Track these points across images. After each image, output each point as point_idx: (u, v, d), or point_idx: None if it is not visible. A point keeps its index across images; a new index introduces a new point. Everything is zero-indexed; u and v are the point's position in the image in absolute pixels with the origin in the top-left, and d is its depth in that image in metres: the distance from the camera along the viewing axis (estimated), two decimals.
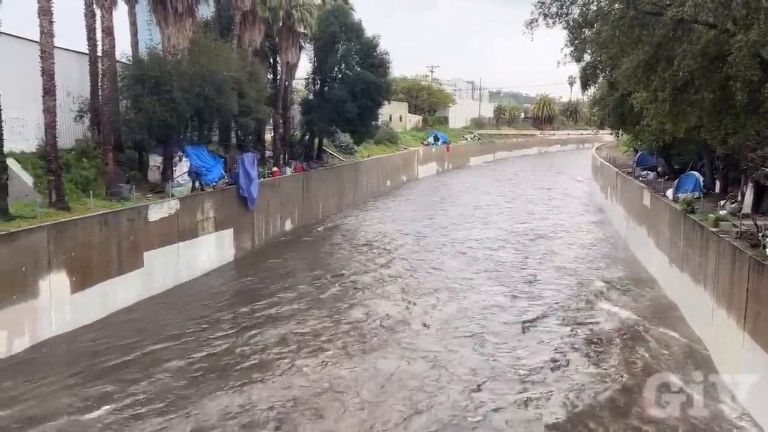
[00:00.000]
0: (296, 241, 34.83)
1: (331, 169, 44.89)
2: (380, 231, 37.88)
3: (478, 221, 41.52)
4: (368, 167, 52.78)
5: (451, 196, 55.10)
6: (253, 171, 30.85)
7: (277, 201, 35.10)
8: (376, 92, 40.66)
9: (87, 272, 20.48)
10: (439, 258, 31.01)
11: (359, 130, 42.61)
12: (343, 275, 27.49)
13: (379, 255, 31.31)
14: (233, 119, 31.05)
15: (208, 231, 27.69)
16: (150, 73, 24.76)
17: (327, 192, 43.24)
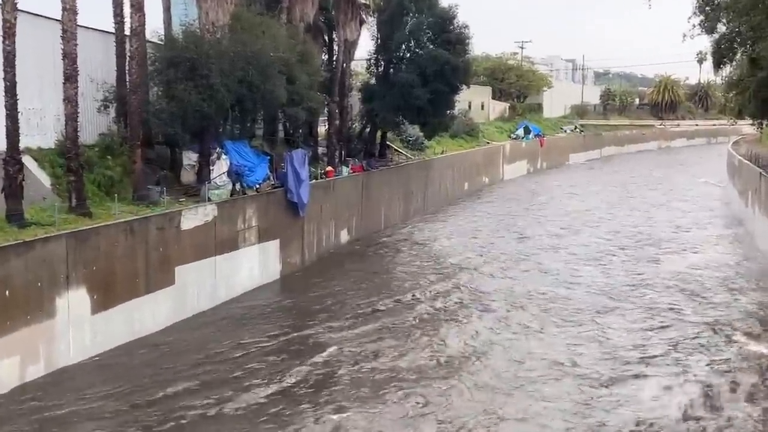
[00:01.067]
0: (354, 257, 35.01)
1: (397, 169, 44.96)
2: (457, 246, 37.57)
3: (581, 235, 40.44)
4: (441, 166, 52.62)
5: (547, 202, 54.12)
6: (303, 171, 31.28)
7: (331, 207, 35.44)
8: (452, 74, 40.44)
9: (110, 289, 21.22)
10: (534, 280, 30.37)
11: (431, 121, 42.51)
12: (416, 301, 27.13)
13: (456, 276, 30.97)
14: (281, 109, 31.60)
15: (250, 242, 28.22)
16: (185, 55, 25.54)
17: (391, 196, 43.31)
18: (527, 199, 55.57)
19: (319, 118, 40.61)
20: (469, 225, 44.07)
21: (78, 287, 20.05)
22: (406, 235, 40.54)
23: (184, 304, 24.40)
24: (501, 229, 42.42)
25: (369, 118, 43.73)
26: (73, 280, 19.85)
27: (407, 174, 46.14)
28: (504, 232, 41.37)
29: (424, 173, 49.09)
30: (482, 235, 40.84)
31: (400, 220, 44.36)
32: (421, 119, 42.39)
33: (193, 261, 24.80)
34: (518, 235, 40.63)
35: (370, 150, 44.72)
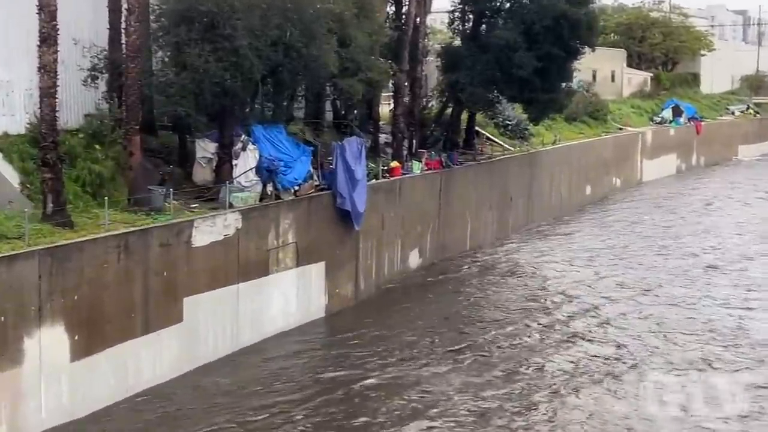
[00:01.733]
0: (427, 290, 34.90)
1: (489, 166, 44.78)
2: (576, 279, 37.08)
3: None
4: (553, 163, 52.15)
5: (713, 220, 52.77)
6: (359, 167, 31.41)
7: (396, 218, 35.48)
8: (570, 33, 39.90)
9: (96, 327, 21.62)
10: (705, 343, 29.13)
11: (539, 99, 41.99)
12: (522, 376, 26.10)
13: (579, 329, 30.28)
14: (330, 82, 31.84)
15: (284, 266, 28.43)
16: (200, 7, 25.95)
17: (480, 204, 43.12)
18: (678, 212, 54.50)
19: (382, 94, 40.79)
20: (592, 247, 43.49)
21: (53, 324, 20.50)
22: (502, 260, 40.26)
23: (195, 349, 24.74)
24: (641, 257, 41.63)
25: (451, 94, 43.65)
26: (47, 315, 20.30)
27: (504, 173, 45.87)
28: (647, 262, 40.36)
29: (527, 172, 48.70)
30: (612, 263, 40.19)
31: (492, 237, 44.07)
32: (526, 95, 41.92)
33: (208, 290, 25.13)
34: (669, 269, 39.42)
35: (451, 138, 44.60)
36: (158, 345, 23.52)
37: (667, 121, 74.92)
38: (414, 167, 37.91)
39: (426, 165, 38.87)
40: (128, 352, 22.59)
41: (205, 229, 25.07)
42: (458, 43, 44.18)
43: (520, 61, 38.97)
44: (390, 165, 36.39)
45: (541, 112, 44.42)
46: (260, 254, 27.32)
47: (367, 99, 36.77)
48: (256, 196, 28.04)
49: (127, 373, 22.58)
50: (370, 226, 32.79)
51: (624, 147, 64.95)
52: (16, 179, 23.88)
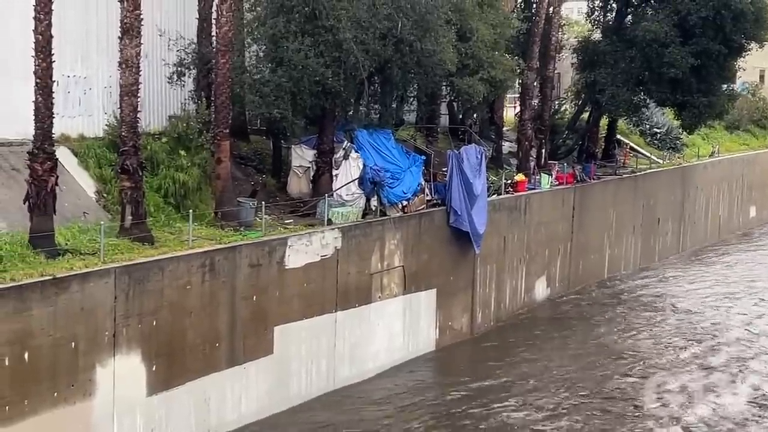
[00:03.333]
0: (556, 325, 34.66)
1: (632, 181, 44.16)
2: (741, 320, 36.13)
3: None
4: (710, 179, 51.10)
5: None
6: (478, 180, 31.34)
7: (520, 241, 35.29)
8: (733, 25, 39.09)
9: (176, 358, 22.05)
10: None
11: (694, 102, 41.31)
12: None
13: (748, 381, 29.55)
14: (446, 81, 31.88)
15: (390, 293, 28.51)
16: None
17: (621, 226, 42.56)
18: None
19: (507, 96, 40.67)
20: (756, 281, 42.29)
21: (129, 352, 20.97)
22: (646, 293, 39.63)
23: (286, 385, 24.99)
24: None
25: (589, 97, 43.27)
26: (122, 342, 20.79)
27: (650, 190, 45.15)
28: None
29: (679, 189, 47.85)
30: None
31: (635, 265, 43.46)
32: (678, 99, 41.35)
33: (302, 319, 25.38)
34: None
35: (588, 148, 44.16)
36: (245, 380, 23.80)
37: None
38: (543, 181, 37.61)
39: (557, 179, 38.60)
40: (211, 386, 22.91)
41: (300, 249, 25.28)
42: (598, 37, 43.74)
43: (672, 59, 38.41)
44: (514, 178, 36.20)
45: (697, 118, 43.47)
46: (362, 279, 27.44)
47: (489, 101, 36.72)
48: (359, 211, 28.18)
49: (209, 410, 22.89)
50: (489, 250, 32.67)
51: None
52: (91, 188, 24.56)
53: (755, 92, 64.62)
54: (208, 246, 23.23)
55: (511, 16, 36.53)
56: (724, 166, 53.22)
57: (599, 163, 43.51)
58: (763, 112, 63.34)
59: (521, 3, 41.90)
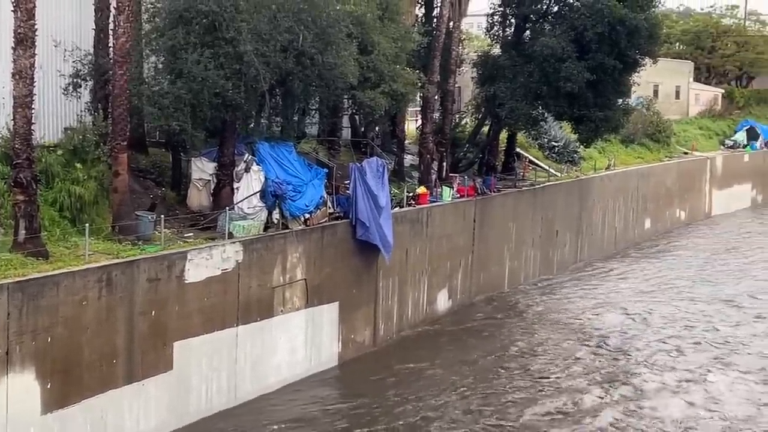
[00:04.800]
0: (457, 336, 34.80)
1: (532, 194, 44.76)
2: (632, 328, 36.85)
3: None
4: (607, 191, 52.08)
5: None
6: (382, 192, 31.51)
7: (422, 253, 35.45)
8: (627, 41, 40.01)
9: (72, 375, 21.56)
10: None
11: (591, 116, 42.08)
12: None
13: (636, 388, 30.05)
14: (348, 94, 31.94)
15: (292, 306, 28.38)
16: (200, 7, 26.12)
17: (521, 238, 43.08)
18: (754, 256, 54.11)
19: (408, 109, 40.86)
20: (648, 294, 43.17)
21: (23, 370, 20.47)
22: (545, 304, 40.14)
23: (186, 401, 24.66)
24: (708, 303, 41.38)
25: (489, 110, 43.76)
26: (15, 359, 20.28)
27: (549, 202, 45.82)
28: (714, 317, 39.55)
29: (576, 202, 48.65)
30: (672, 315, 39.65)
31: (535, 276, 44.01)
32: (575, 113, 42.13)
33: (203, 334, 25.09)
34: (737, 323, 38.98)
35: (488, 161, 44.66)
36: (144, 397, 23.43)
37: (740, 145, 74.74)
38: (444, 194, 37.89)
39: (458, 191, 38.89)
40: (108, 404, 22.51)
41: (200, 263, 25.04)
42: (498, 52, 44.32)
43: (569, 73, 39.14)
44: (416, 191, 36.43)
45: (594, 132, 44.34)
46: (264, 292, 27.28)
47: (390, 114, 36.88)
48: (260, 224, 28.07)
49: (106, 428, 22.47)
50: (392, 262, 32.74)
51: (690, 175, 64.69)
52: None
53: (649, 106, 66.19)
54: (105, 260, 22.85)
55: (412, 30, 36.71)
56: (620, 178, 54.27)
57: (499, 176, 44.02)
58: (657, 126, 64.84)
59: (422, 17, 42.22)
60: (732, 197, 70.14)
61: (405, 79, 33.30)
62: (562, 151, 48.97)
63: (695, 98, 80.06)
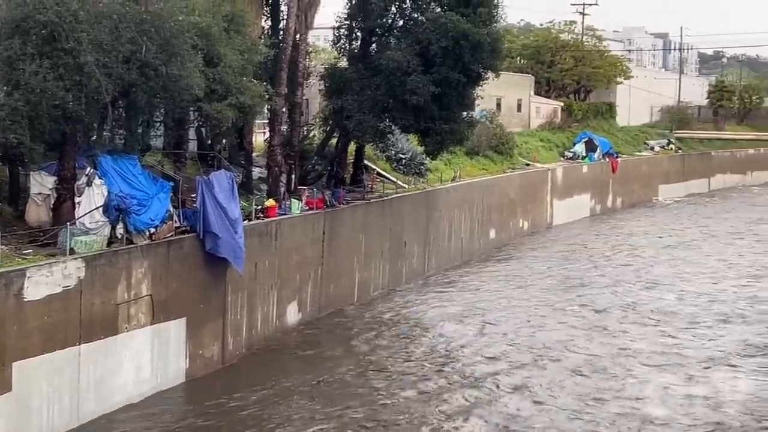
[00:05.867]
0: (306, 349, 34.77)
1: (380, 206, 45.13)
2: (474, 337, 37.48)
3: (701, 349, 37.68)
4: (453, 203, 52.91)
5: (635, 270, 54.28)
6: (233, 205, 31.33)
7: (271, 266, 35.35)
8: (471, 55, 40.81)
9: None
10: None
11: (437, 129, 42.68)
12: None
13: (473, 395, 30.59)
14: (194, 106, 31.61)
15: (137, 323, 27.92)
16: (38, 16, 25.45)
17: (370, 250, 43.36)
18: (589, 263, 55.86)
19: (256, 122, 40.66)
20: (495, 299, 44.09)
21: None
22: (394, 314, 40.44)
23: (27, 423, 23.95)
24: (543, 316, 42.22)
25: (336, 123, 43.96)
26: None
27: (397, 214, 46.26)
28: (548, 323, 40.75)
29: (424, 213, 49.23)
30: (508, 322, 40.49)
31: (384, 288, 44.30)
32: (421, 125, 42.61)
33: (44, 353, 24.43)
34: (576, 317, 40.81)
35: (336, 174, 44.81)
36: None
37: (579, 156, 77.01)
38: (293, 207, 37.87)
39: (307, 204, 38.91)
40: None
41: (39, 280, 24.41)
42: (345, 65, 44.55)
43: (414, 86, 39.60)
44: (264, 204, 36.28)
45: (439, 144, 44.96)
46: (107, 310, 26.74)
47: (238, 127, 36.62)
48: (104, 240, 27.46)
49: None
50: (239, 276, 32.54)
51: (532, 185, 66.43)
52: None
53: (493, 119, 67.56)
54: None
55: (259, 42, 36.59)
56: (466, 190, 55.23)
57: (348, 188, 44.22)
58: (500, 138, 66.16)
59: (268, 29, 42.04)
60: (572, 207, 72.32)
61: (252, 92, 33.12)
62: (409, 164, 49.27)
63: (536, 111, 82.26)
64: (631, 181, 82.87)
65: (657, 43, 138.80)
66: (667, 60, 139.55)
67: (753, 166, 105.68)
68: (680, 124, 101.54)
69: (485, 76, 43.78)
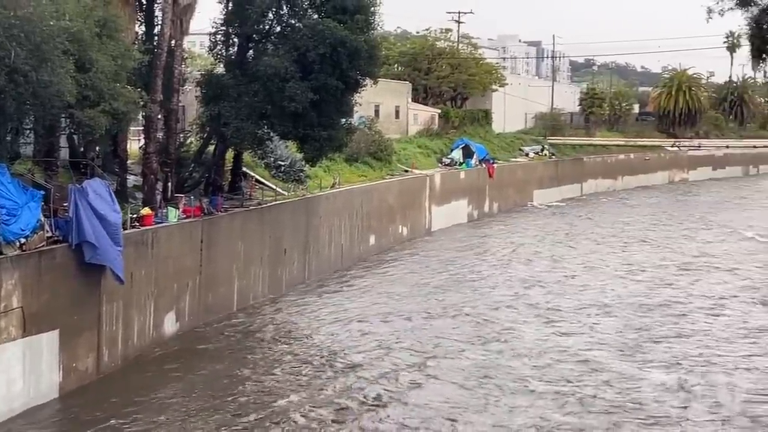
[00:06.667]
0: (184, 360, 34.35)
1: (259, 213, 44.87)
2: (356, 342, 37.57)
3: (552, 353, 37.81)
4: (333, 209, 52.90)
5: (489, 275, 54.98)
6: (112, 212, 30.95)
7: (148, 276, 34.81)
8: (349, 61, 40.99)
9: None
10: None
11: (316, 136, 42.71)
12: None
13: (356, 401, 30.62)
14: (65, 113, 30.96)
15: (7, 336, 27.21)
16: None
17: (249, 258, 43.12)
18: (468, 268, 56.55)
19: (131, 128, 40.01)
20: (374, 305, 44.25)
21: None
22: (273, 322, 40.29)
23: None
24: (432, 320, 42.60)
25: (214, 130, 43.57)
26: None
27: (277, 221, 46.08)
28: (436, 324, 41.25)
29: (303, 220, 49.13)
30: (392, 324, 40.80)
31: (264, 296, 44.06)
32: (300, 132, 42.58)
33: None
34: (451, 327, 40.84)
35: (214, 181, 44.38)
36: None
37: (457, 162, 77.97)
38: (169, 215, 37.36)
39: (184, 212, 38.49)
40: None
41: None
42: (222, 71, 44.27)
43: (292, 93, 39.58)
44: (140, 212, 35.71)
45: (318, 151, 45.05)
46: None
47: (111, 134, 35.94)
48: None
49: None
50: (116, 286, 31.95)
51: (411, 192, 66.84)
52: None
53: (371, 126, 67.91)
54: None
55: (133, 47, 36.01)
56: (345, 196, 55.32)
57: (226, 196, 43.86)
58: (379, 145, 66.54)
59: (143, 35, 41.44)
60: (450, 213, 72.98)
61: (126, 98, 32.58)
62: (288, 170, 49.31)
63: (414, 118, 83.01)
64: (507, 187, 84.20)
65: (530, 51, 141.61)
66: (541, 67, 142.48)
67: (623, 171, 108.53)
68: (553, 130, 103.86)
69: (363, 82, 44.08)
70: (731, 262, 58.43)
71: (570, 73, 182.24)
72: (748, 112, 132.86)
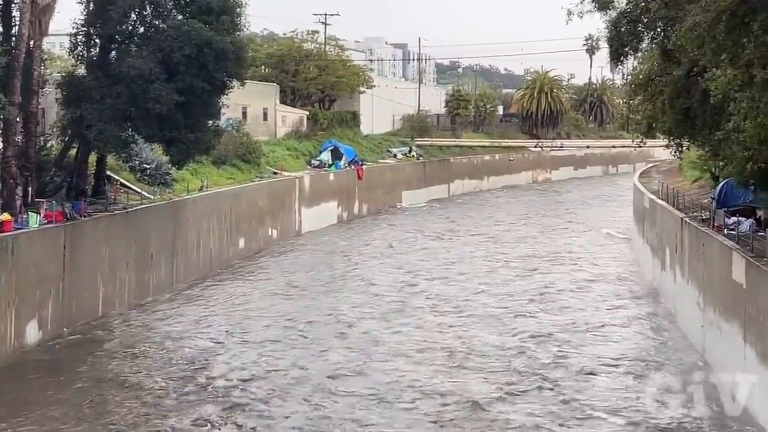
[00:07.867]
0: (47, 371, 33.48)
1: (124, 217, 44.06)
2: (224, 347, 37.22)
3: (423, 345, 38.46)
4: (201, 213, 52.42)
5: (372, 276, 55.01)
6: None
7: (8, 284, 33.88)
8: (215, 63, 40.70)
9: None
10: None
11: (182, 138, 42.21)
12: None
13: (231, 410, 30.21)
14: None
15: None
16: None
17: (115, 263, 42.34)
18: (334, 267, 56.69)
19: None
20: (241, 309, 43.93)
21: None
22: (140, 328, 39.78)
23: None
24: (298, 323, 42.24)
25: (76, 133, 42.63)
26: None
27: (143, 225, 45.36)
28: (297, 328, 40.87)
29: (171, 224, 48.54)
30: (260, 327, 40.66)
31: (131, 301, 43.36)
32: (166, 135, 41.99)
33: None
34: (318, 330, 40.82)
35: (77, 185, 43.36)
36: None
37: (326, 164, 78.06)
38: (30, 220, 36.44)
39: (46, 218, 37.55)
40: None
41: None
42: (83, 73, 43.32)
43: (157, 95, 39.07)
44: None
45: (185, 153, 44.47)
46: None
47: None
48: None
49: None
50: None
51: (280, 194, 66.73)
52: None
53: (239, 128, 67.41)
54: None
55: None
56: (213, 199, 54.87)
57: (90, 200, 42.87)
58: (247, 147, 66.15)
59: (0, 36, 40.17)
60: (320, 215, 73.04)
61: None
62: (154, 174, 48.64)
63: (282, 120, 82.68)
64: (376, 188, 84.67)
65: (396, 53, 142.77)
66: (407, 70, 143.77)
67: (489, 171, 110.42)
68: (421, 131, 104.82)
69: (230, 84, 43.89)
70: (588, 255, 61.00)
71: (436, 75, 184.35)
72: (607, 113, 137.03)
